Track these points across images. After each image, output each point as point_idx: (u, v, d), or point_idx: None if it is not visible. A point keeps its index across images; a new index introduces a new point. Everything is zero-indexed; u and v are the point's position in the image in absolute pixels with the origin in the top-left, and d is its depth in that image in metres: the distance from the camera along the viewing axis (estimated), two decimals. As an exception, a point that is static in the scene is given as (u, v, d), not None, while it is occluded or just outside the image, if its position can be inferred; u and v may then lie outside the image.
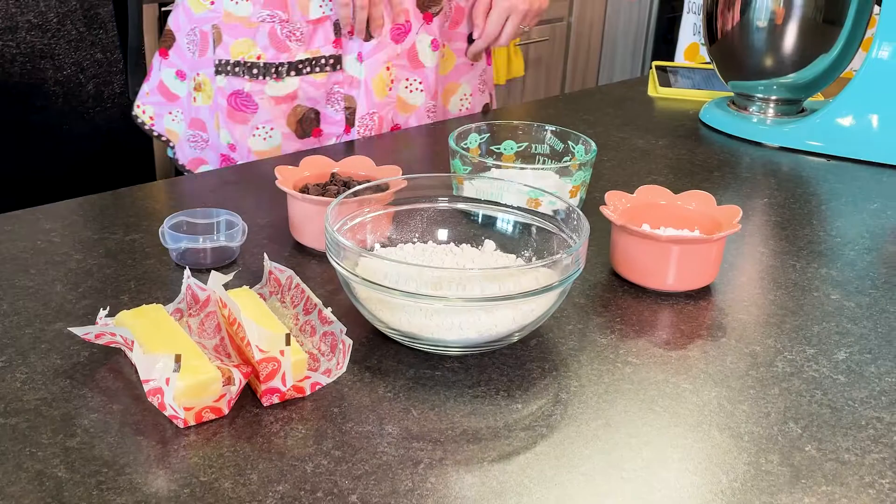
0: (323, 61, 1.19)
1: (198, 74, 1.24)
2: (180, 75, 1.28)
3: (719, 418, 0.68)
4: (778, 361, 0.75)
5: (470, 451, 0.64)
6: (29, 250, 0.88)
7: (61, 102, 1.69)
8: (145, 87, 1.32)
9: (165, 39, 1.28)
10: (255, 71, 1.19)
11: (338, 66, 1.20)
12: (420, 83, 1.26)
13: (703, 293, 0.85)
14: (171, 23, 1.27)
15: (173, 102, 1.30)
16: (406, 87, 1.26)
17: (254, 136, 1.22)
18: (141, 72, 1.39)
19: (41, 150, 1.66)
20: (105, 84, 1.73)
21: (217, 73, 1.21)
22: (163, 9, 1.96)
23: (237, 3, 1.18)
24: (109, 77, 1.72)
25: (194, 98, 1.26)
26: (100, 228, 0.93)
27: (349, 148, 1.19)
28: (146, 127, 1.33)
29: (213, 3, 1.20)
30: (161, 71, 1.30)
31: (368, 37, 1.19)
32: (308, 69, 1.19)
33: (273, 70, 1.19)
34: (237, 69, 1.19)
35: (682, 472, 0.62)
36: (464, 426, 0.66)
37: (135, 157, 1.94)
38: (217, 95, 1.22)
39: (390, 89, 1.23)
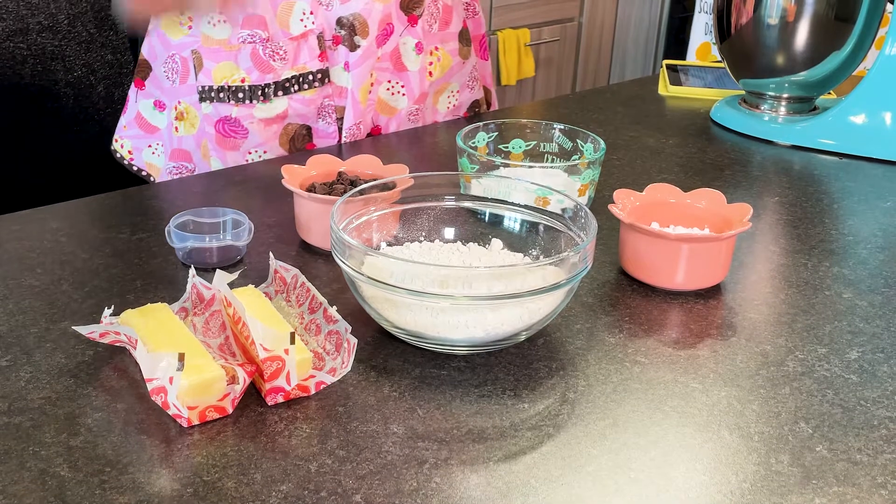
0: (311, 77, 1.15)
1: (179, 103, 1.19)
2: (159, 106, 1.22)
3: (729, 418, 0.67)
4: (789, 361, 0.74)
5: (476, 450, 0.63)
6: (36, 250, 0.88)
7: (72, 104, 1.69)
8: (122, 121, 1.26)
9: (140, 70, 1.22)
10: (240, 95, 1.14)
11: (326, 80, 1.16)
12: (402, 87, 1.22)
13: (713, 292, 0.84)
14: (146, 52, 1.21)
15: (153, 135, 1.24)
16: (388, 90, 1.21)
17: (246, 160, 1.18)
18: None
19: (52, 151, 1.66)
20: (115, 85, 1.73)
21: (201, 100, 1.16)
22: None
23: (214, 25, 1.13)
24: (120, 78, 1.72)
25: (176, 128, 1.21)
26: (106, 228, 0.93)
27: (356, 147, 1.19)
28: (125, 162, 1.27)
29: (190, 27, 1.15)
30: (138, 102, 1.24)
31: (354, 46, 1.15)
32: (296, 87, 1.15)
33: (259, 92, 1.14)
34: (222, 95, 1.14)
35: (691, 473, 0.62)
36: (469, 426, 0.65)
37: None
38: (203, 123, 1.17)
39: (370, 93, 1.19)
